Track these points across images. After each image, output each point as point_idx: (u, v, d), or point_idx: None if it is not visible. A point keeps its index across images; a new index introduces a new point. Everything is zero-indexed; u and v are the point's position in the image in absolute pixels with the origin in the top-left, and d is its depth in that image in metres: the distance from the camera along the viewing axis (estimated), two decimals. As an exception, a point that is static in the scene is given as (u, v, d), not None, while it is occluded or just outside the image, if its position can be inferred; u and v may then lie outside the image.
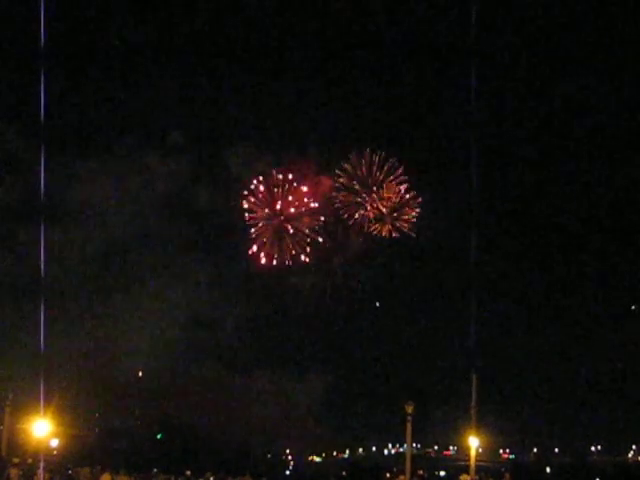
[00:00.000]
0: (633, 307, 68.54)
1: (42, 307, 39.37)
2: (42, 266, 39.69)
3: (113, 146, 61.55)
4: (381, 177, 60.13)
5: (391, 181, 60.25)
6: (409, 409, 45.22)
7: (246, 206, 60.53)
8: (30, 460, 44.12)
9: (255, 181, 60.67)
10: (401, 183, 60.23)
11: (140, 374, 64.58)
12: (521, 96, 65.45)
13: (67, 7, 56.08)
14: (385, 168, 60.00)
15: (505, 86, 64.36)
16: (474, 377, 49.05)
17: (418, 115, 64.58)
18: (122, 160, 61.27)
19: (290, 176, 60.46)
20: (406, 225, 60.28)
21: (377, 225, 60.63)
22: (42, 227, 41.20)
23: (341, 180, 60.51)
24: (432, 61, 62.18)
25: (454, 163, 62.54)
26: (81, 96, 61.36)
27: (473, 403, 48.68)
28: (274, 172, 60.40)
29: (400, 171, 60.01)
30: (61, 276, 56.39)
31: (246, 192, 60.45)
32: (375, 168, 59.99)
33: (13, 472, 39.31)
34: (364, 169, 60.07)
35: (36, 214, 52.90)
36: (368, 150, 59.53)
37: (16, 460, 42.49)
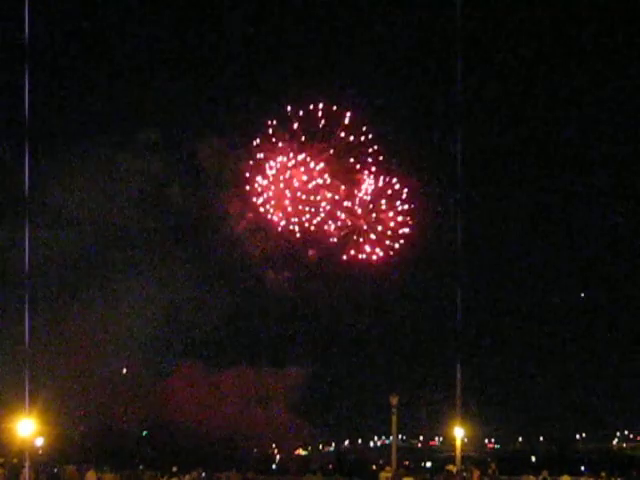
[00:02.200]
0: (582, 294, 69.39)
1: (26, 305, 39.18)
2: (26, 264, 39.44)
3: (86, 146, 61.51)
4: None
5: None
6: (394, 401, 45.12)
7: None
8: (15, 459, 43.86)
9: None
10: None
11: (124, 371, 64.51)
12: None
13: (43, 8, 55.81)
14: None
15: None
16: (458, 368, 49.16)
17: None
18: (96, 159, 61.24)
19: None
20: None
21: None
22: (27, 225, 40.97)
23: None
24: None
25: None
26: (52, 97, 61.29)
27: (458, 394, 48.79)
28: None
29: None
30: (42, 274, 56.16)
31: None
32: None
33: (-1, 472, 39.12)
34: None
35: (13, 212, 52.73)
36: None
37: (1, 460, 42.25)
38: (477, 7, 58.82)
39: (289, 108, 59.67)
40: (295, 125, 60.05)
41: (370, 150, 60.78)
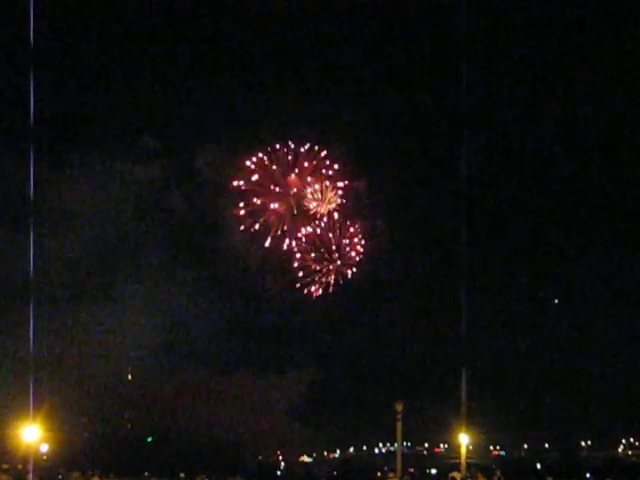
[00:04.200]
0: (556, 300, 69.28)
1: (31, 312, 39.21)
2: (31, 271, 39.53)
3: (86, 153, 61.64)
4: None
5: None
6: (399, 407, 45.09)
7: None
8: (20, 466, 43.93)
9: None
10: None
11: (129, 377, 64.55)
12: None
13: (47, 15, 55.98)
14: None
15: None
16: (464, 374, 49.18)
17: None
18: (96, 167, 61.38)
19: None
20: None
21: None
22: (31, 230, 41.13)
23: None
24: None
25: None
26: (52, 103, 61.40)
27: (463, 400, 48.80)
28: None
29: None
30: (45, 281, 56.22)
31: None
32: None
33: (3, 478, 39.11)
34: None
35: (18, 218, 52.90)
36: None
37: (6, 466, 42.31)
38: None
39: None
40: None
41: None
